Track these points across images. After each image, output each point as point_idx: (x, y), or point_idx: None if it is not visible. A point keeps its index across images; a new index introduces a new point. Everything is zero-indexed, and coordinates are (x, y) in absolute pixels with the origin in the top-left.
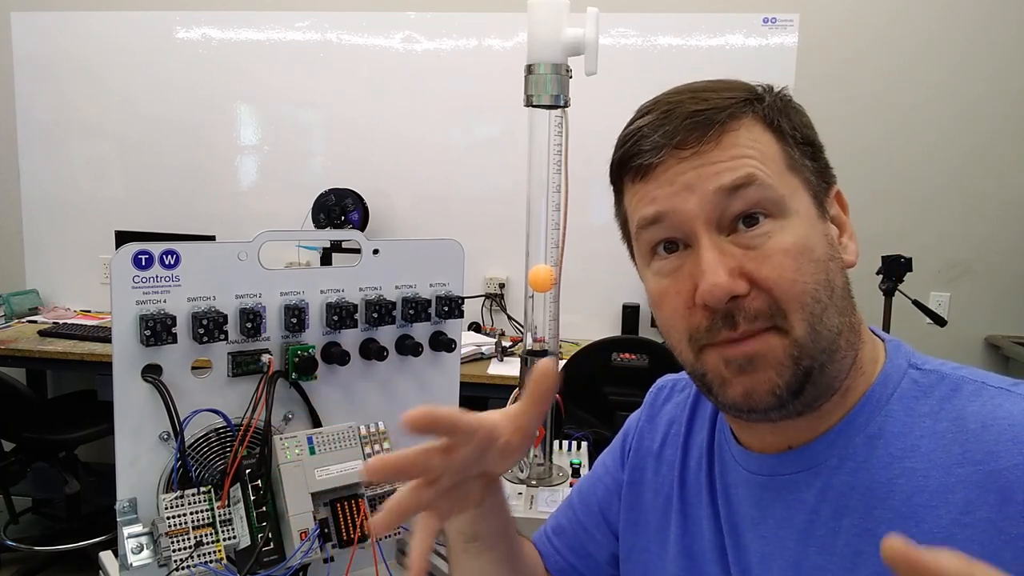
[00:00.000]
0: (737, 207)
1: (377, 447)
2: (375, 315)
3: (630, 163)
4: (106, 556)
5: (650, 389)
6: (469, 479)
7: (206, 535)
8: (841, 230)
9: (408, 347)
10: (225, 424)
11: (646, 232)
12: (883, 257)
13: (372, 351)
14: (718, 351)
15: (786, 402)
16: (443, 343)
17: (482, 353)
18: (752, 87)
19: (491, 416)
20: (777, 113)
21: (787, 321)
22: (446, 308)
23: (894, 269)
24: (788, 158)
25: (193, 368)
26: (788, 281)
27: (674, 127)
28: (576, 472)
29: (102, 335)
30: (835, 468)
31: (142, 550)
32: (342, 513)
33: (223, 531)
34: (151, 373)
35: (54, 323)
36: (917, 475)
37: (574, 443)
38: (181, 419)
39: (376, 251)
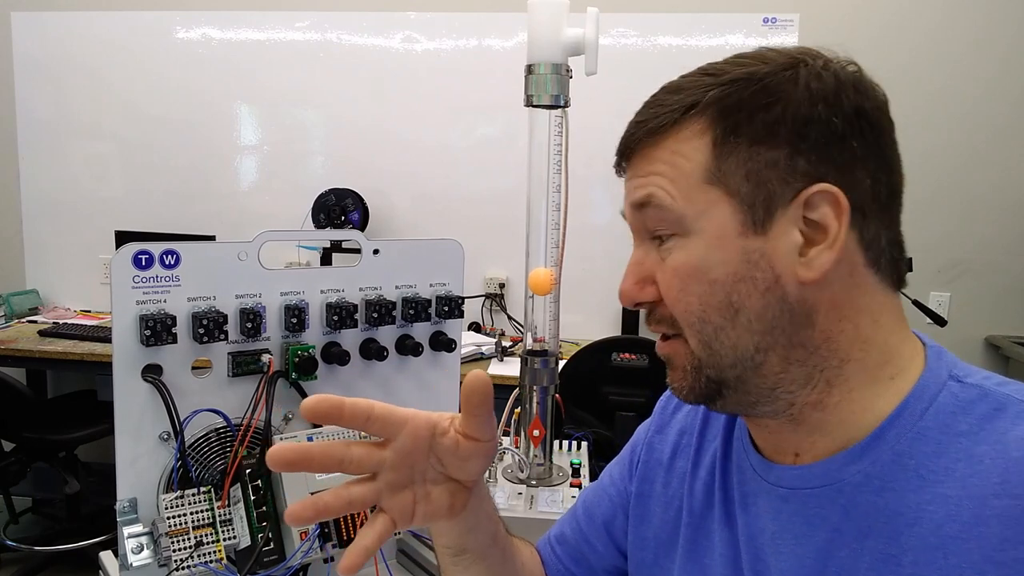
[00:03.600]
0: (648, 224)
1: None
2: (375, 315)
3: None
4: (106, 556)
5: (660, 397)
6: (431, 484)
7: (206, 535)
8: (817, 238)
9: (408, 347)
10: (225, 424)
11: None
12: None
13: (372, 351)
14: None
15: (705, 402)
16: (443, 343)
17: (482, 353)
18: (722, 79)
19: (427, 412)
20: (738, 109)
21: (683, 333)
22: (446, 308)
23: None
24: (715, 169)
25: (193, 368)
26: (672, 299)
27: (625, 136)
28: (576, 472)
29: (102, 335)
30: (859, 485)
31: (142, 550)
32: None
33: (223, 531)
34: (151, 373)
35: (54, 323)
36: (949, 502)
37: (574, 443)
38: (181, 419)
39: (376, 251)
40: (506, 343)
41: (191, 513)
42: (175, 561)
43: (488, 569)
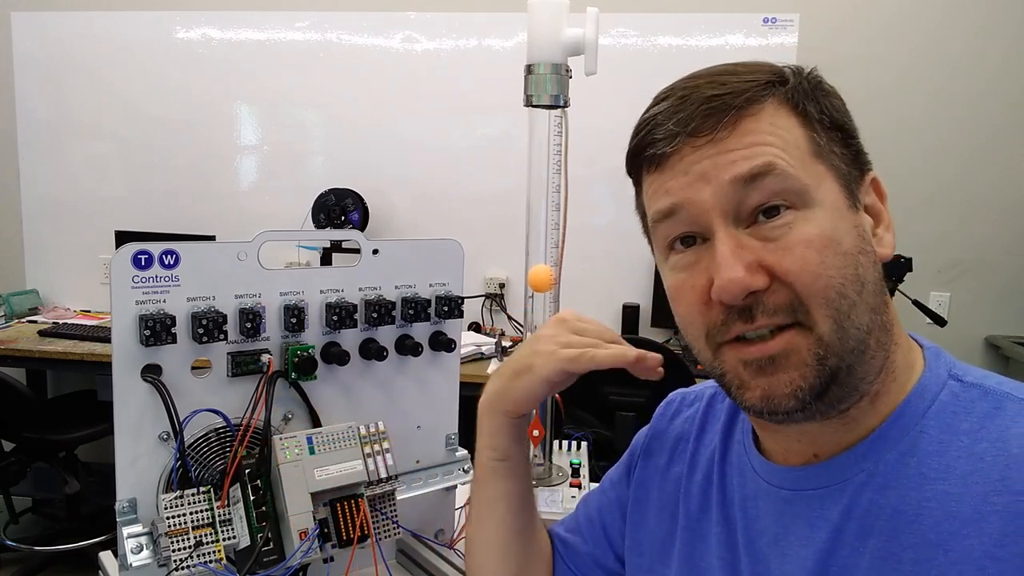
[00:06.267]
0: (755, 198)
1: (377, 447)
2: (375, 315)
3: (644, 152)
4: (106, 556)
5: (659, 405)
6: None
7: (206, 535)
8: (877, 220)
9: (408, 347)
10: (225, 424)
11: (662, 226)
12: None
13: (372, 351)
14: (736, 351)
15: (808, 404)
16: (443, 343)
17: (482, 353)
18: (778, 68)
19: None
20: (803, 96)
21: (810, 317)
22: (446, 308)
23: (894, 269)
24: (814, 144)
25: (193, 368)
26: (811, 274)
27: (689, 114)
28: (576, 472)
29: (102, 335)
30: (862, 485)
31: (142, 550)
32: (342, 513)
33: (223, 531)
34: (151, 373)
35: (54, 323)
36: (950, 499)
37: (574, 443)
38: (181, 419)
39: (376, 251)
40: (506, 343)
41: (191, 513)
42: (175, 561)
43: (517, 492)
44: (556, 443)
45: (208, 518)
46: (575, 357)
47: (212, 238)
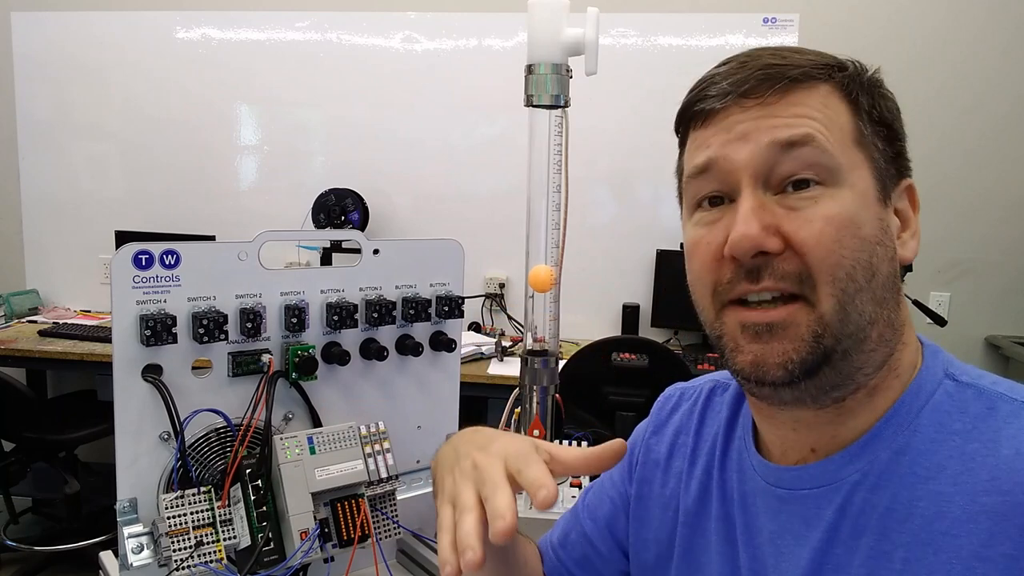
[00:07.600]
0: (788, 167)
1: (377, 447)
2: (375, 315)
3: (693, 107)
4: (106, 556)
5: (657, 399)
6: None
7: (206, 535)
8: (905, 226)
9: (408, 347)
10: (225, 424)
11: (694, 183)
12: None
13: (372, 351)
14: (737, 313)
15: (797, 379)
16: (443, 343)
17: (482, 353)
18: (839, 58)
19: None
20: (858, 86)
21: (815, 293)
22: (446, 308)
23: None
24: (858, 132)
25: (193, 368)
26: (825, 249)
27: (744, 76)
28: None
29: (102, 335)
30: (856, 484)
31: (142, 550)
32: (342, 513)
33: (223, 531)
34: (151, 373)
35: (54, 323)
36: (941, 499)
37: (574, 443)
38: (181, 419)
39: (376, 251)
40: (506, 343)
41: (191, 513)
42: (175, 561)
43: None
44: (556, 443)
45: (209, 518)
46: (442, 520)
47: (212, 238)
